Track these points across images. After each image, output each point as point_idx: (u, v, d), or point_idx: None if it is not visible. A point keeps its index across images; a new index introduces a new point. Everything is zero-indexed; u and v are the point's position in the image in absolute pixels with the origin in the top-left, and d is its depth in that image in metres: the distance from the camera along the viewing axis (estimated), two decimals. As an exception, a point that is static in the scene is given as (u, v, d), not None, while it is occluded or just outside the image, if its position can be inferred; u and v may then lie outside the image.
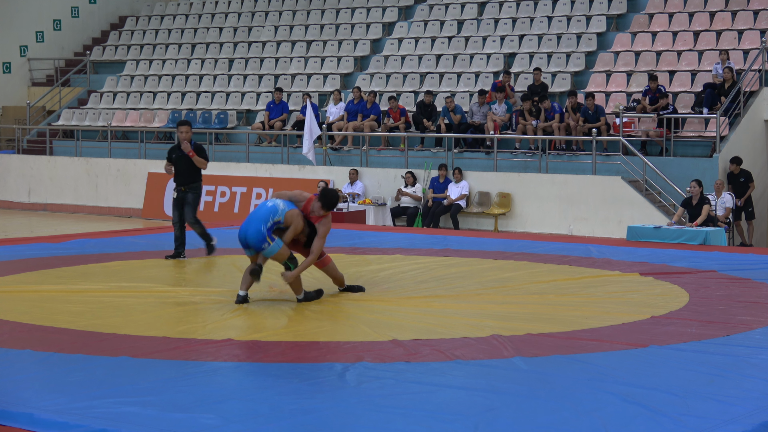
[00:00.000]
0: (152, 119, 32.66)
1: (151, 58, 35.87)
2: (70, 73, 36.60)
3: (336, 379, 9.08)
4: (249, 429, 7.55)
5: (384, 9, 33.96)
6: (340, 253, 17.84)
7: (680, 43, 27.93)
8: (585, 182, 24.15)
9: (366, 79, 30.98)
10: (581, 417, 7.92)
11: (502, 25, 31.07)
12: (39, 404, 8.12)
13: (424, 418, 7.82)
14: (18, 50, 37.45)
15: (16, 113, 35.75)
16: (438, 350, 10.29)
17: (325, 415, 7.98)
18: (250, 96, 32.23)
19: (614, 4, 30.13)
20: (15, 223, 26.95)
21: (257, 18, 36.18)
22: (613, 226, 23.31)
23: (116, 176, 30.26)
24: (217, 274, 15.62)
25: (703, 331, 11.29)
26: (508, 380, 9.09)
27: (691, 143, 24.83)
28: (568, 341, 10.71)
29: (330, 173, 27.02)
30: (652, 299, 13.38)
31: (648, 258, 17.22)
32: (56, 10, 38.56)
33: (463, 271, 15.93)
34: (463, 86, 29.37)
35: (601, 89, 27.05)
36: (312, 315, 12.16)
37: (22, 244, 19.16)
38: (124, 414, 7.92)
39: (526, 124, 25.81)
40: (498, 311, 12.74)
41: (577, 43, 29.36)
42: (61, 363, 9.43)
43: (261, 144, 29.95)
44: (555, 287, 14.33)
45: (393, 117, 27.82)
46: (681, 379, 9.13)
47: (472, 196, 25.20)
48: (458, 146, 26.77)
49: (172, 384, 8.85)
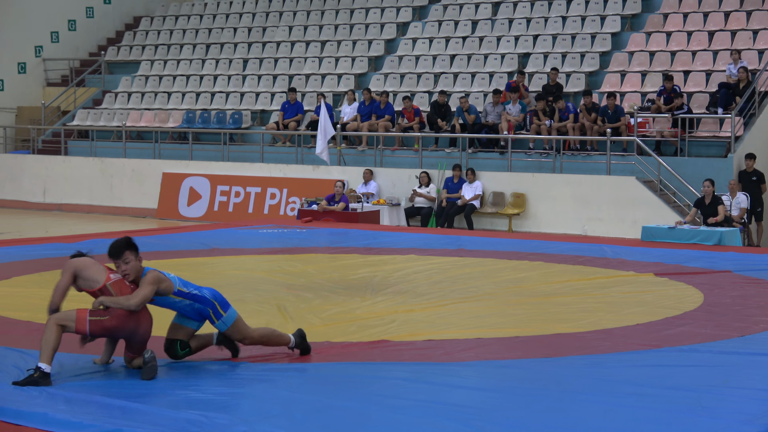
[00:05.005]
0: (167, 119, 32.69)
1: (165, 58, 35.91)
2: (85, 73, 36.65)
3: (348, 379, 9.08)
4: (261, 428, 7.55)
5: (398, 9, 33.94)
6: (354, 254, 17.87)
7: (695, 43, 27.85)
8: (599, 182, 24.11)
9: (380, 79, 30.98)
10: (594, 418, 7.91)
11: (516, 25, 31.03)
12: (53, 404, 8.14)
13: (436, 419, 7.82)
14: (33, 51, 37.52)
15: (31, 113, 35.82)
16: (451, 350, 10.29)
17: (338, 415, 7.98)
18: (264, 96, 32.25)
19: (629, 4, 30.06)
20: (30, 223, 27.01)
21: (271, 18, 36.19)
22: (628, 226, 23.25)
23: (131, 176, 30.30)
24: (223, 277, 15.62)
25: (717, 331, 11.27)
26: (521, 381, 9.09)
27: (706, 143, 24.76)
28: (581, 342, 10.70)
29: (344, 173, 27.01)
30: (667, 300, 13.36)
31: (662, 258, 17.19)
32: (71, 11, 38.62)
33: (477, 271, 15.93)
34: (478, 86, 29.34)
35: (615, 89, 26.98)
36: (324, 316, 12.17)
37: (37, 244, 19.22)
38: (138, 413, 7.93)
39: (541, 124, 25.77)
40: (512, 311, 12.74)
41: (591, 43, 29.31)
42: (75, 363, 9.44)
43: (275, 144, 29.96)
44: (569, 287, 14.32)
45: (407, 117, 27.81)
46: (695, 379, 9.11)
47: (486, 197, 25.17)
48: (472, 146, 26.74)
49: (185, 383, 8.86)
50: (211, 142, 31.04)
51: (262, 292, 13.69)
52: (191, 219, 27.81)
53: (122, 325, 9.08)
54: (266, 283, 14.66)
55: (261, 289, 13.96)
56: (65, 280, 9.15)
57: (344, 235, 20.96)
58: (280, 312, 12.25)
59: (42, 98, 36.54)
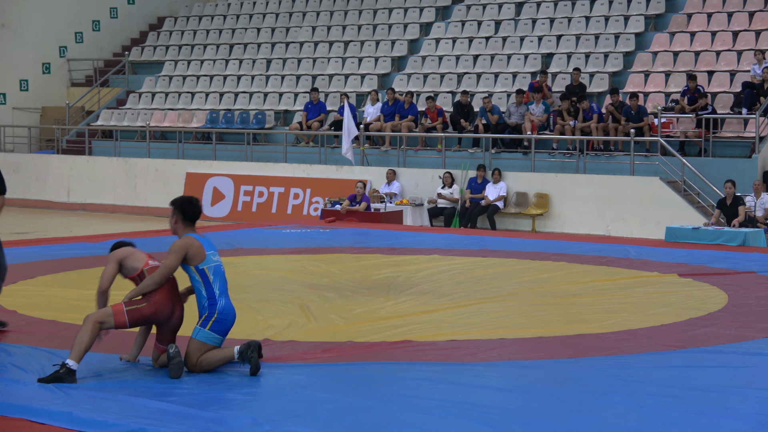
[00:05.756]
0: (190, 119, 32.78)
1: (189, 59, 36.00)
2: (109, 73, 36.78)
3: (371, 379, 9.09)
4: (286, 428, 7.57)
5: (421, 9, 33.94)
6: (377, 254, 17.88)
7: (719, 43, 27.77)
8: (623, 183, 24.05)
9: (403, 80, 30.98)
10: (618, 419, 7.90)
11: (539, 25, 30.99)
12: (78, 403, 8.17)
13: (459, 419, 7.82)
14: (57, 51, 37.68)
15: (55, 113, 35.97)
16: (474, 351, 10.29)
17: (361, 415, 7.99)
18: (287, 96, 32.30)
19: (652, 4, 29.98)
20: (54, 223, 27.12)
21: (295, 18, 36.25)
22: (651, 226, 23.19)
23: (154, 176, 30.39)
24: (247, 276, 15.64)
25: (741, 332, 11.23)
26: (544, 381, 9.08)
27: (730, 144, 24.68)
28: (605, 343, 10.68)
29: (367, 173, 27.03)
30: (691, 301, 13.33)
31: (686, 259, 17.14)
32: (95, 11, 38.77)
33: (501, 271, 15.92)
34: (501, 86, 29.31)
35: (639, 89, 26.92)
36: (347, 316, 12.18)
37: (62, 243, 19.31)
38: (162, 412, 7.96)
39: (564, 124, 25.73)
40: (535, 312, 12.73)
41: (615, 43, 29.25)
42: (101, 362, 9.49)
43: (298, 144, 30.01)
44: (592, 288, 14.30)
45: (430, 117, 27.80)
46: (719, 380, 9.09)
47: (509, 197, 25.14)
48: (495, 147, 26.73)
49: (209, 383, 8.89)
50: (234, 142, 31.11)
51: (286, 292, 13.71)
52: (215, 219, 27.88)
53: (160, 310, 9.25)
54: (289, 282, 14.69)
55: (284, 289, 13.98)
56: (110, 268, 9.37)
57: (367, 235, 20.97)
58: (303, 312, 12.27)
59: (66, 98, 36.69)
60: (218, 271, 9.42)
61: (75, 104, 35.54)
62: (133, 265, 9.40)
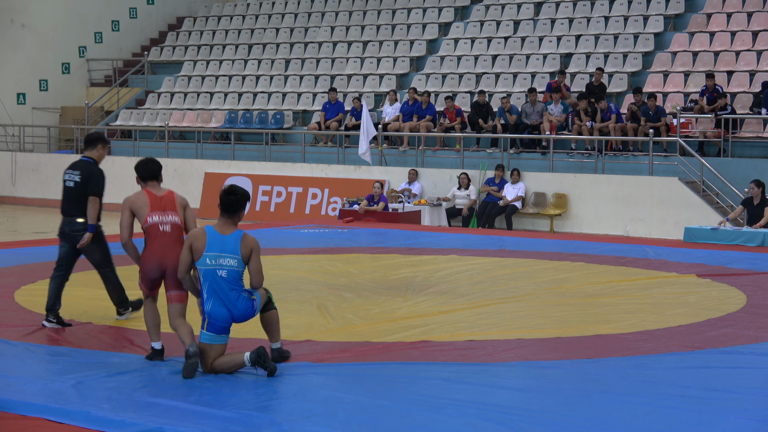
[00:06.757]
0: (209, 119, 32.83)
1: (208, 59, 36.06)
2: (128, 73, 36.87)
3: (389, 379, 9.08)
4: (304, 428, 7.57)
5: (440, 9, 33.93)
6: (395, 254, 17.88)
7: (738, 43, 27.68)
8: (641, 183, 23.99)
9: (422, 80, 30.97)
10: (636, 419, 7.88)
11: (558, 25, 30.95)
12: (95, 402, 8.19)
13: (477, 419, 7.82)
14: (77, 51, 37.78)
15: (74, 113, 36.06)
16: (492, 351, 10.28)
17: (379, 415, 7.99)
18: (306, 96, 32.33)
19: (672, 3, 29.90)
20: (73, 223, 27.11)
21: (313, 19, 36.28)
22: (670, 227, 23.14)
23: (173, 176, 30.42)
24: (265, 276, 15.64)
25: (760, 333, 11.20)
26: (562, 382, 9.06)
27: (750, 144, 24.60)
28: (623, 343, 10.65)
29: (385, 173, 27.03)
30: (709, 301, 13.29)
31: (705, 259, 17.10)
32: (114, 11, 38.87)
33: (519, 272, 15.90)
34: (519, 86, 29.27)
35: (658, 89, 26.85)
36: (365, 316, 12.18)
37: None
38: (179, 412, 7.97)
39: (582, 124, 25.68)
40: (553, 312, 12.71)
41: (634, 43, 29.18)
42: (119, 363, 9.50)
43: (317, 144, 30.03)
44: (611, 288, 14.27)
45: (449, 117, 27.78)
46: (738, 381, 9.06)
47: (527, 197, 25.11)
48: (514, 147, 26.70)
49: (226, 383, 8.90)
50: (253, 142, 31.15)
51: (304, 292, 13.72)
52: (233, 219, 27.86)
53: (146, 266, 9.87)
54: (307, 282, 14.69)
55: (302, 289, 13.99)
56: (125, 217, 10.20)
57: (385, 235, 20.97)
58: (320, 311, 12.28)
59: (85, 98, 36.79)
60: (207, 275, 9.21)
61: (94, 104, 35.63)
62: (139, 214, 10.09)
